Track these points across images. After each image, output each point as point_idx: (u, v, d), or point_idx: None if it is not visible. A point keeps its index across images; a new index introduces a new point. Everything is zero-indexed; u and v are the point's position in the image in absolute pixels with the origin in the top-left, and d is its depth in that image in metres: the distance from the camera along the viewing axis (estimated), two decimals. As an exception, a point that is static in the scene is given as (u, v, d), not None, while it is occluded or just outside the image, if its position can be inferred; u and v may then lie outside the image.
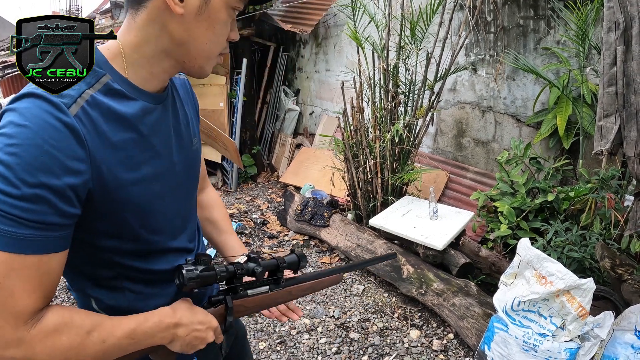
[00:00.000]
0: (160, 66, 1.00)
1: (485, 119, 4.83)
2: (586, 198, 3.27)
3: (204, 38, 0.99)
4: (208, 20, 0.97)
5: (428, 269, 3.64)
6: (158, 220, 1.09)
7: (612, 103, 2.50)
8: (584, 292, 2.29)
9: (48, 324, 0.86)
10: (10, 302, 0.81)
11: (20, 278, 0.82)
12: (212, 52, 1.02)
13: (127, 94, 0.97)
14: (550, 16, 3.98)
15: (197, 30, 0.97)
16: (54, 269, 0.89)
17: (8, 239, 0.80)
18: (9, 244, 0.80)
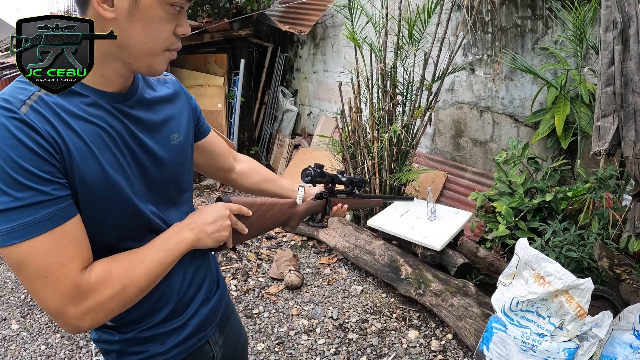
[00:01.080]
0: (110, 68, 1.04)
1: (483, 119, 4.83)
2: (584, 198, 3.27)
3: (141, 38, 1.01)
4: (142, 20, 0.99)
5: (426, 270, 3.64)
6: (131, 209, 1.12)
7: (610, 103, 2.50)
8: (582, 292, 2.29)
9: (98, 269, 1.01)
10: (65, 271, 0.94)
11: (60, 249, 0.94)
12: (154, 50, 1.04)
13: (80, 91, 1.02)
14: (547, 16, 3.98)
15: (132, 31, 1.00)
16: (79, 232, 0.99)
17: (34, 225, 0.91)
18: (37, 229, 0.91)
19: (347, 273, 4.32)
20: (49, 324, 3.88)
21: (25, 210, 0.90)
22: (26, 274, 0.93)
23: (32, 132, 0.92)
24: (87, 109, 1.03)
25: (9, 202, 0.89)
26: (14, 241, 0.90)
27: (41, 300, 0.95)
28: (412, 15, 4.23)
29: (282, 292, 4.06)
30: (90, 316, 0.98)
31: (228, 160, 1.59)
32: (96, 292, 0.98)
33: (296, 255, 4.59)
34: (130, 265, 1.05)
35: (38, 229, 0.91)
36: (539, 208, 3.61)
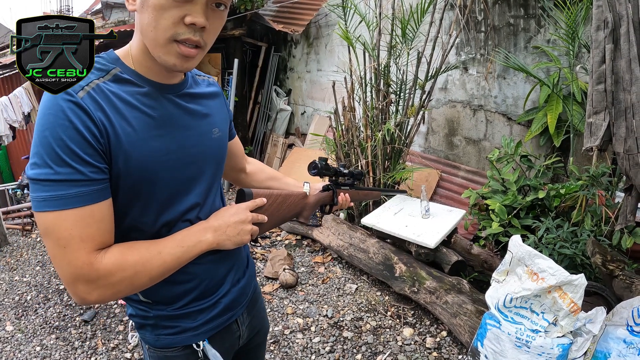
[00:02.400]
0: (150, 60, 1.12)
1: (477, 117, 4.85)
2: (577, 195, 3.29)
3: (148, 26, 1.05)
4: (149, 9, 1.03)
5: (420, 267, 3.65)
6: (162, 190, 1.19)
7: (601, 100, 2.52)
8: (576, 288, 2.30)
9: (114, 252, 1.06)
10: (82, 247, 1.01)
11: (83, 226, 1.01)
12: (158, 39, 1.06)
13: (135, 81, 1.12)
14: (540, 15, 4.00)
15: (144, 20, 1.05)
16: (106, 215, 1.06)
17: (65, 200, 0.99)
18: (67, 203, 0.99)
19: (341, 271, 4.33)
20: (44, 325, 3.88)
21: (60, 185, 0.98)
22: (49, 239, 1.01)
23: (84, 116, 1.00)
24: (141, 98, 1.12)
25: (49, 173, 0.97)
26: (45, 209, 0.99)
27: (57, 266, 1.03)
28: (405, 15, 4.24)
29: (276, 291, 4.07)
30: (97, 292, 1.04)
31: (242, 162, 1.69)
32: (107, 273, 1.04)
33: (290, 254, 4.60)
34: (147, 254, 1.11)
35: (67, 204, 0.99)
36: (532, 205, 3.63)
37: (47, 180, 0.98)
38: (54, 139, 0.98)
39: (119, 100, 1.08)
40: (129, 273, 1.07)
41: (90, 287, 1.03)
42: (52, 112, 0.99)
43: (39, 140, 0.99)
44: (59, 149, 0.97)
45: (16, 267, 5.14)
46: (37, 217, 1.01)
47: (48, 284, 4.63)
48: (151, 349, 1.36)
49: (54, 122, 0.98)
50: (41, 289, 4.53)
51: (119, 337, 3.62)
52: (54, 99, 0.99)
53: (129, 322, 1.36)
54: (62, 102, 0.99)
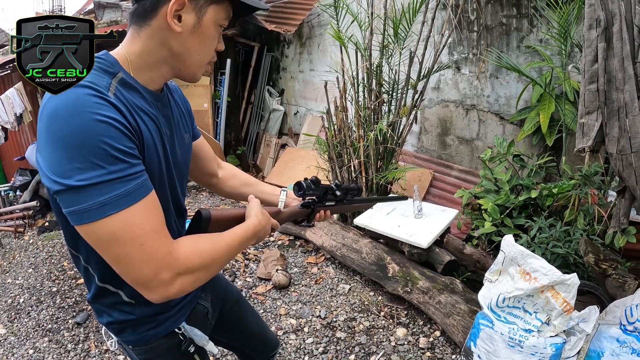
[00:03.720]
0: (158, 72, 1.21)
1: (469, 117, 4.85)
2: (569, 194, 3.29)
3: (197, 50, 1.19)
4: (200, 36, 1.17)
5: (413, 267, 3.65)
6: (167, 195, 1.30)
7: (593, 100, 2.52)
8: (568, 288, 2.30)
9: (188, 242, 1.14)
10: (158, 238, 1.05)
11: (152, 217, 1.06)
12: (203, 62, 1.23)
13: (138, 88, 1.17)
14: (532, 15, 4.00)
15: (191, 44, 1.17)
16: (158, 201, 1.11)
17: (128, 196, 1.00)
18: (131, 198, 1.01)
19: (334, 272, 4.32)
20: (37, 328, 3.85)
21: (118, 182, 0.98)
22: (121, 245, 1.00)
23: (119, 115, 1.03)
24: (145, 105, 1.17)
25: (103, 174, 0.97)
26: (109, 212, 0.98)
27: (135, 269, 1.03)
28: (397, 14, 4.24)
29: (269, 292, 4.05)
30: (180, 282, 1.08)
31: (212, 165, 1.73)
32: (187, 261, 1.09)
33: (283, 255, 4.58)
34: (216, 244, 1.19)
35: (132, 199, 1.01)
36: (525, 205, 3.63)
37: (102, 183, 0.97)
38: (97, 138, 0.96)
39: (135, 106, 1.13)
40: (206, 260, 1.14)
41: (173, 276, 1.06)
42: (87, 111, 0.97)
43: (76, 143, 0.95)
44: (106, 147, 0.97)
45: (9, 270, 5.11)
46: (98, 227, 0.98)
47: (41, 286, 4.60)
48: (135, 348, 1.41)
49: (92, 121, 0.97)
50: (34, 292, 4.50)
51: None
52: (85, 97, 0.99)
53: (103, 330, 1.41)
54: (96, 100, 1.00)
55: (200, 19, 1.15)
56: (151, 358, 1.45)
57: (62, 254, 5.34)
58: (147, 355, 1.44)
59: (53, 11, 10.83)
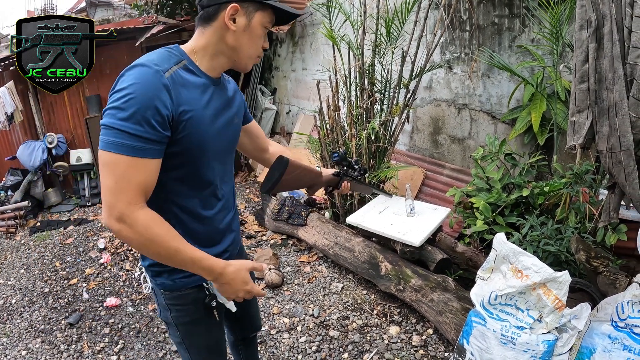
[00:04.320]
0: (217, 62, 1.58)
1: (461, 116, 4.87)
2: (561, 193, 3.32)
3: (247, 45, 1.56)
4: (250, 34, 1.54)
5: (406, 266, 3.66)
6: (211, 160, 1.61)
7: (584, 99, 2.54)
8: (560, 285, 2.32)
9: (148, 213, 1.38)
10: (127, 187, 1.33)
11: (135, 172, 1.34)
12: (252, 55, 1.60)
13: (196, 72, 1.53)
14: (524, 15, 4.02)
15: (243, 40, 1.53)
16: (153, 171, 1.39)
17: (130, 148, 1.31)
18: (130, 151, 1.31)
19: (327, 271, 4.33)
20: (29, 329, 3.84)
21: (130, 136, 1.30)
22: (106, 173, 1.32)
23: (165, 93, 1.36)
24: (200, 86, 1.52)
25: (129, 127, 1.30)
26: (112, 150, 1.31)
27: (104, 192, 1.33)
28: (389, 14, 4.25)
29: (263, 291, 4.05)
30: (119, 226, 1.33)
31: (265, 142, 2.09)
32: (136, 220, 1.33)
33: (276, 254, 4.59)
34: (169, 241, 1.40)
35: (130, 152, 1.31)
36: (517, 203, 3.65)
37: (123, 132, 1.29)
38: (139, 103, 1.30)
39: (187, 85, 1.46)
40: (145, 238, 1.36)
41: (118, 218, 1.32)
42: (144, 83, 1.33)
43: (126, 99, 1.30)
44: (142, 111, 1.30)
45: (0, 271, 5.09)
46: (103, 154, 1.32)
47: (33, 287, 4.59)
48: (166, 292, 1.69)
49: (143, 90, 1.32)
50: (26, 292, 4.48)
51: (105, 340, 3.60)
52: (148, 72, 1.35)
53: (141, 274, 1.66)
54: (154, 78, 1.35)
55: (250, 21, 1.51)
56: (178, 304, 1.71)
57: (54, 254, 5.33)
58: (175, 301, 1.70)
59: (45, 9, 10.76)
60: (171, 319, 1.75)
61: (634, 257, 3.17)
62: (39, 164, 6.91)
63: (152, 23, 6.87)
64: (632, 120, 2.37)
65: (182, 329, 1.78)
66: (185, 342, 1.81)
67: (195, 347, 1.83)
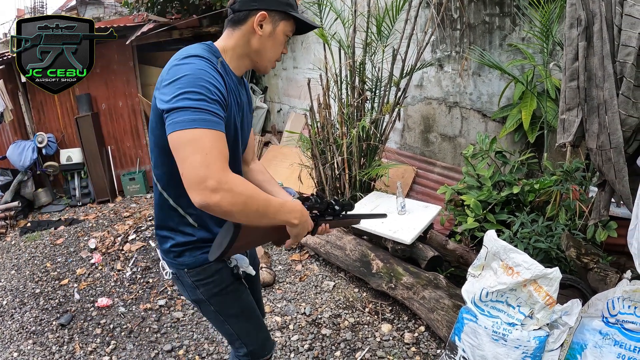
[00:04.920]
0: (242, 62, 1.71)
1: (452, 114, 4.89)
2: (551, 190, 3.33)
3: (270, 50, 1.70)
4: (273, 40, 1.68)
5: (397, 263, 3.67)
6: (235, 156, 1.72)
7: (574, 97, 2.56)
8: (551, 281, 2.33)
9: (238, 176, 1.41)
10: (218, 156, 1.36)
11: (220, 143, 1.40)
12: (272, 59, 1.74)
13: (229, 70, 1.65)
14: (515, 14, 4.04)
15: (267, 45, 1.67)
16: (226, 143, 1.44)
17: (212, 122, 1.39)
18: (213, 124, 1.39)
19: (318, 269, 4.33)
20: (20, 330, 3.82)
21: (208, 113, 1.38)
22: (193, 148, 1.33)
23: (220, 78, 1.49)
24: (233, 83, 1.65)
25: (204, 105, 1.38)
26: (195, 126, 1.35)
27: (193, 169, 1.32)
28: (380, 12, 4.26)
29: (254, 289, 4.05)
30: (220, 195, 1.33)
31: (252, 154, 2.10)
32: (233, 183, 1.36)
33: (267, 253, 4.59)
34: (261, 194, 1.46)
35: (212, 126, 1.38)
36: (507, 200, 3.67)
37: (199, 109, 1.37)
38: (206, 86, 1.41)
39: (227, 77, 1.57)
40: (246, 193, 1.40)
41: (217, 187, 1.32)
42: (203, 70, 1.44)
43: (193, 83, 1.40)
44: (211, 92, 1.42)
45: (-10, 271, 5.06)
46: (183, 134, 1.35)
47: (24, 288, 4.56)
48: (190, 270, 1.76)
49: (205, 76, 1.43)
50: (17, 294, 4.46)
51: (97, 341, 3.58)
52: (205, 63, 1.47)
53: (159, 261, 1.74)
54: (210, 66, 1.48)
55: (274, 29, 1.65)
56: (204, 279, 1.78)
57: (45, 255, 5.30)
58: (199, 276, 1.77)
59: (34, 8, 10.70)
60: (201, 294, 1.82)
61: (624, 254, 3.19)
62: (29, 164, 6.86)
63: (142, 21, 6.84)
64: (622, 118, 2.38)
65: (215, 302, 1.85)
66: (222, 314, 1.89)
67: (232, 317, 1.92)
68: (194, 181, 1.32)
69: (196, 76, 1.42)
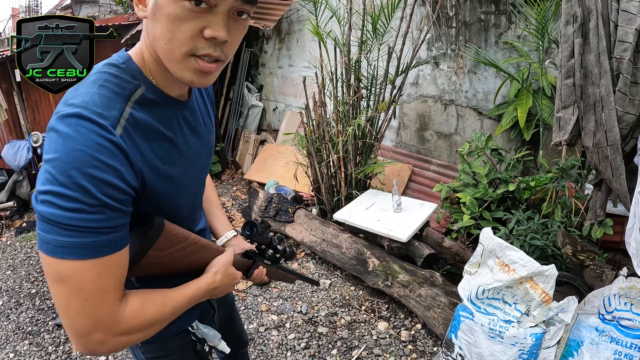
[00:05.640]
0: (169, 72, 1.02)
1: (448, 112, 4.89)
2: (547, 187, 3.34)
3: (162, 37, 0.95)
4: (161, 19, 0.94)
5: (393, 261, 3.67)
6: (184, 211, 1.25)
7: (570, 94, 2.56)
8: (547, 279, 2.33)
9: (134, 305, 1.03)
10: (105, 298, 0.95)
11: (108, 276, 0.95)
12: (173, 53, 0.96)
13: (159, 101, 1.07)
14: (511, 11, 4.04)
15: (156, 30, 0.96)
16: (125, 262, 1.01)
17: (91, 248, 0.90)
18: (93, 252, 0.91)
19: (315, 267, 4.33)
20: (16, 330, 3.80)
21: (89, 232, 0.90)
22: (65, 289, 0.92)
23: (123, 158, 0.94)
24: (165, 121, 1.09)
25: (78, 219, 0.88)
26: (65, 256, 0.89)
27: (69, 318, 0.94)
28: (376, 10, 4.25)
29: (250, 289, 4.05)
30: (112, 343, 0.99)
31: None
32: (128, 326, 1.01)
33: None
34: (163, 309, 1.10)
35: (96, 252, 0.92)
36: (503, 198, 3.67)
37: (74, 228, 0.88)
38: (87, 181, 0.87)
39: (149, 131, 1.04)
40: (147, 324, 1.06)
41: (108, 338, 0.98)
42: (85, 150, 0.88)
43: (66, 175, 0.87)
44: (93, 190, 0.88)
45: (-15, 271, 5.04)
46: (51, 263, 0.91)
47: (19, 288, 4.54)
48: (145, 345, 1.38)
49: (88, 162, 0.88)
50: (12, 294, 4.44)
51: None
52: (88, 133, 0.90)
53: None
54: (99, 139, 0.91)
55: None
56: (160, 356, 1.42)
57: (40, 253, 5.27)
58: (156, 353, 1.41)
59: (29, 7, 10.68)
60: None
61: (620, 251, 3.21)
62: (24, 164, 6.83)
63: (137, 20, 6.83)
64: (619, 115, 2.38)
65: None
66: None
67: None
68: (74, 333, 0.96)
69: (71, 164, 0.87)
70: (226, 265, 1.31)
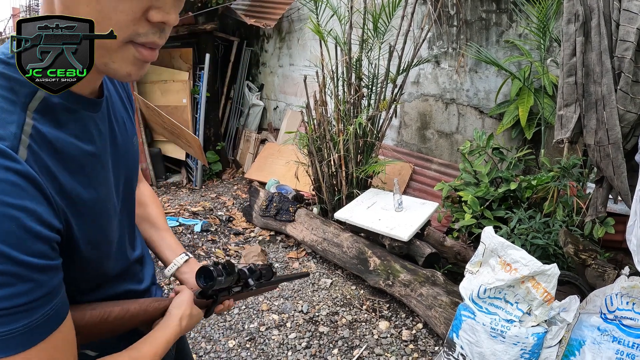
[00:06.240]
0: None
1: (449, 111, 4.88)
2: (548, 186, 3.33)
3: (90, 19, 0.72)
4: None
5: (394, 261, 3.66)
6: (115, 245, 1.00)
7: (571, 93, 2.55)
8: (549, 278, 2.33)
9: None
10: None
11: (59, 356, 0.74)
12: (106, 40, 0.74)
13: (68, 105, 0.81)
14: (512, 10, 4.03)
15: (80, 11, 0.73)
16: (72, 328, 0.80)
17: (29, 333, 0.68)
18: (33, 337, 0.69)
19: (316, 266, 4.32)
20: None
21: (17, 313, 0.66)
22: None
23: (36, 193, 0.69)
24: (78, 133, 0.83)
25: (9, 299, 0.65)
26: (8, 353, 0.66)
27: None
28: (377, 8, 4.24)
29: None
30: None
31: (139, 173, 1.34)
32: None
33: (264, 250, 4.57)
34: None
35: (35, 337, 0.69)
36: (504, 197, 3.66)
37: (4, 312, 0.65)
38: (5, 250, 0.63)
39: (62, 148, 0.78)
40: None
41: None
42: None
43: None
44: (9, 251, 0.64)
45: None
46: None
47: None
48: None
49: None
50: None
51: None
52: None
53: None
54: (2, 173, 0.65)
55: None
56: None
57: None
58: None
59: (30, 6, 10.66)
60: None
61: (622, 250, 3.20)
62: None
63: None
64: (620, 114, 2.38)
65: None
66: None
67: None
68: None
69: None
70: (190, 307, 1.12)
